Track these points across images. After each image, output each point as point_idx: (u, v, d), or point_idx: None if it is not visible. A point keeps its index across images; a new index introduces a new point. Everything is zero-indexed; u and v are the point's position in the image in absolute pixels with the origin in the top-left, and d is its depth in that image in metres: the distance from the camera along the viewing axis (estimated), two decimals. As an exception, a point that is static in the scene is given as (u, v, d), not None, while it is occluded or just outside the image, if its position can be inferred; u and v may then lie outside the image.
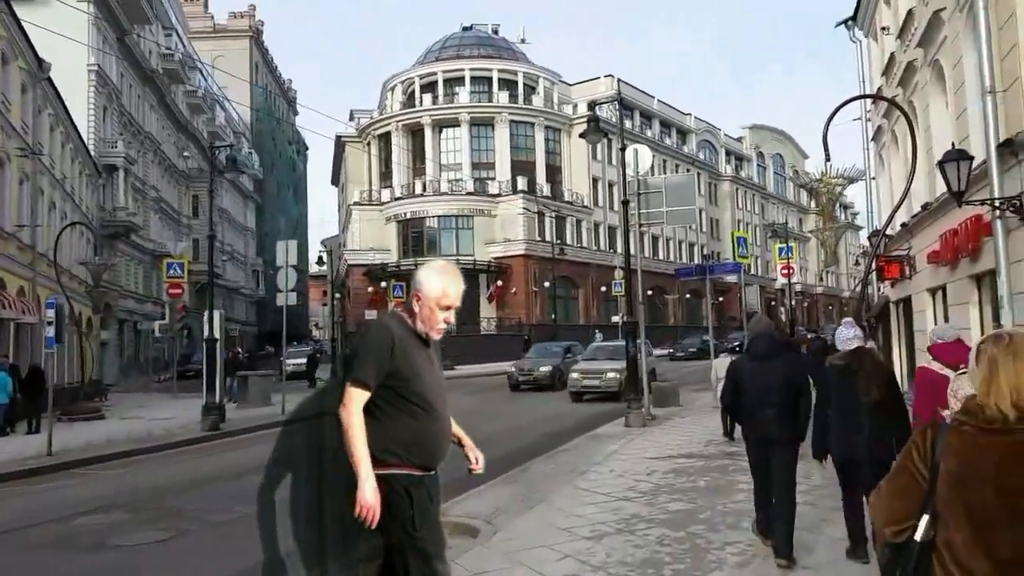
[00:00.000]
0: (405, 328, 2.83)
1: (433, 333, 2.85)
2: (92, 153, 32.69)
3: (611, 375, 17.96)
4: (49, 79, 23.90)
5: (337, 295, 50.62)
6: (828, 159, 11.48)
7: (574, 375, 19.11)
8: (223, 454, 12.67)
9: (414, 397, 2.74)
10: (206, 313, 17.39)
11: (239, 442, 14.21)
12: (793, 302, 36.82)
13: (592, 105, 12.77)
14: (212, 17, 78.89)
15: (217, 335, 16.41)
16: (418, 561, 2.69)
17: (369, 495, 2.57)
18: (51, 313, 11.57)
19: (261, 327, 68.52)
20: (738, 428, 7.44)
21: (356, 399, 2.67)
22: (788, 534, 4.81)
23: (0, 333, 18.45)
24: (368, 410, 2.69)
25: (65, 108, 26.65)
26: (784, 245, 30.24)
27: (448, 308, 2.84)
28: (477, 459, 3.07)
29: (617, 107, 12.92)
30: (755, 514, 5.35)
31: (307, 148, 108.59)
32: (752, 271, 73.36)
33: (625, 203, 12.83)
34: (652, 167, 58.70)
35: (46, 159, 24.26)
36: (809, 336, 28.11)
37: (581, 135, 13.09)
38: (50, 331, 11.59)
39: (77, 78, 31.76)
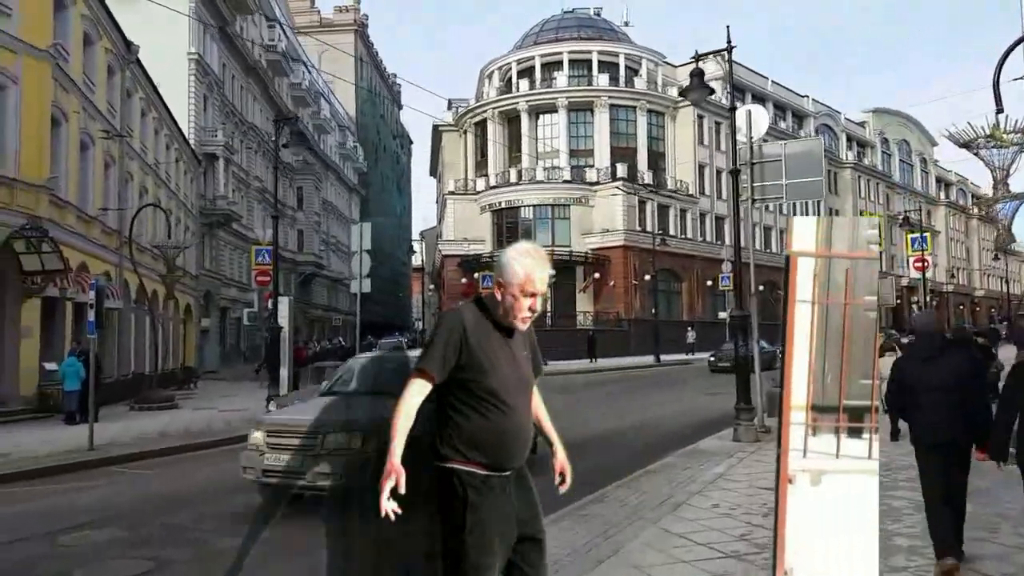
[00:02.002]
0: (483, 318, 2.67)
1: (517, 323, 2.66)
2: (191, 142, 33.03)
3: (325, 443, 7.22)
4: (139, 62, 23.81)
5: (432, 286, 50.10)
6: (1000, 110, 9.06)
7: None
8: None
9: (486, 393, 2.59)
10: (280, 300, 16.47)
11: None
12: (928, 299, 32.95)
13: (697, 58, 10.75)
14: (318, 12, 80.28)
15: (284, 323, 15.38)
16: (450, 567, 2.57)
17: (389, 464, 2.48)
18: (92, 296, 10.59)
19: (364, 318, 69.22)
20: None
21: (414, 386, 2.60)
22: (958, 531, 4.64)
23: (79, 318, 18.15)
24: (440, 403, 2.63)
25: (158, 94, 26.67)
26: (918, 235, 26.85)
27: (533, 295, 2.63)
28: (564, 474, 2.87)
29: (726, 59, 10.80)
30: (932, 533, 4.71)
31: (411, 142, 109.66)
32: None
33: (734, 173, 10.67)
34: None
35: (136, 143, 24.23)
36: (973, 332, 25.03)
37: (682, 92, 11.10)
38: (91, 315, 10.62)
39: (177, 66, 32.13)
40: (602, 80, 46.78)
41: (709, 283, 44.97)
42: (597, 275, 42.18)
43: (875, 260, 3.18)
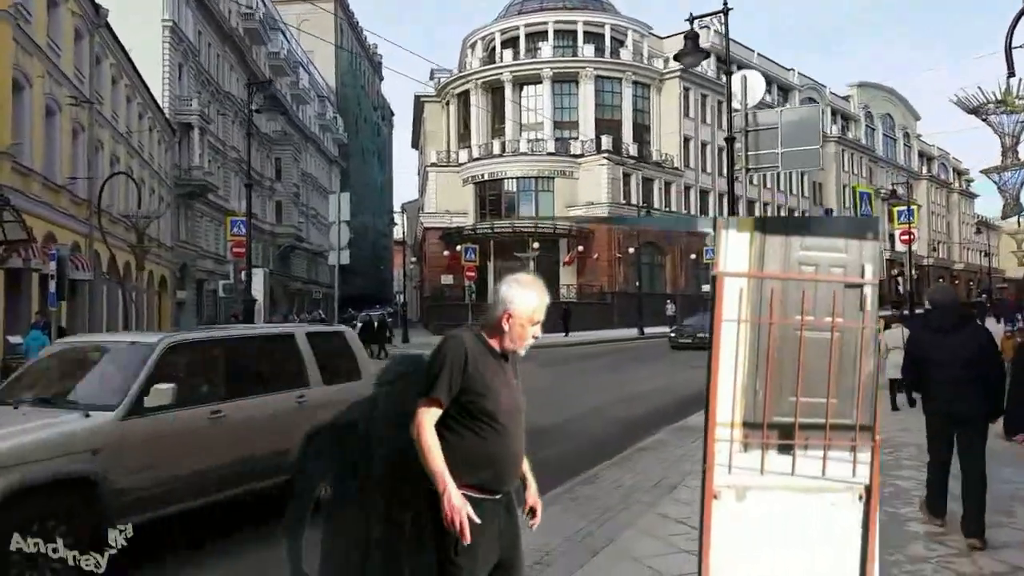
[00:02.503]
0: (482, 344, 2.76)
1: (521, 350, 2.79)
2: (166, 111, 32.07)
3: None
4: (108, 27, 22.86)
5: (414, 259, 49.51)
6: (1012, 74, 8.73)
7: None
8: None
9: (483, 415, 2.67)
10: (255, 271, 15.90)
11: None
12: (912, 271, 32.87)
13: (692, 19, 10.23)
14: (298, -21, 78.32)
15: (259, 296, 14.85)
16: None
17: (455, 500, 2.54)
18: (52, 266, 10.00)
19: (344, 291, 68.58)
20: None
21: (428, 416, 2.65)
22: (980, 512, 4.60)
23: (46, 290, 17.50)
24: (436, 424, 2.66)
25: (130, 60, 25.75)
26: (904, 208, 26.65)
27: (538, 323, 2.77)
28: (535, 510, 2.87)
29: (722, 21, 10.29)
30: (925, 491, 5.08)
31: (392, 114, 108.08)
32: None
33: (729, 141, 10.25)
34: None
35: (107, 111, 23.36)
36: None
37: (676, 56, 10.58)
38: (52, 286, 10.03)
39: (151, 33, 31.10)
40: (588, 51, 45.97)
41: (693, 256, 44.75)
42: (581, 248, 41.79)
43: (814, 280, 3.16)
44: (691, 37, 10.18)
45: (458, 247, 39.53)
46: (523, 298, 2.73)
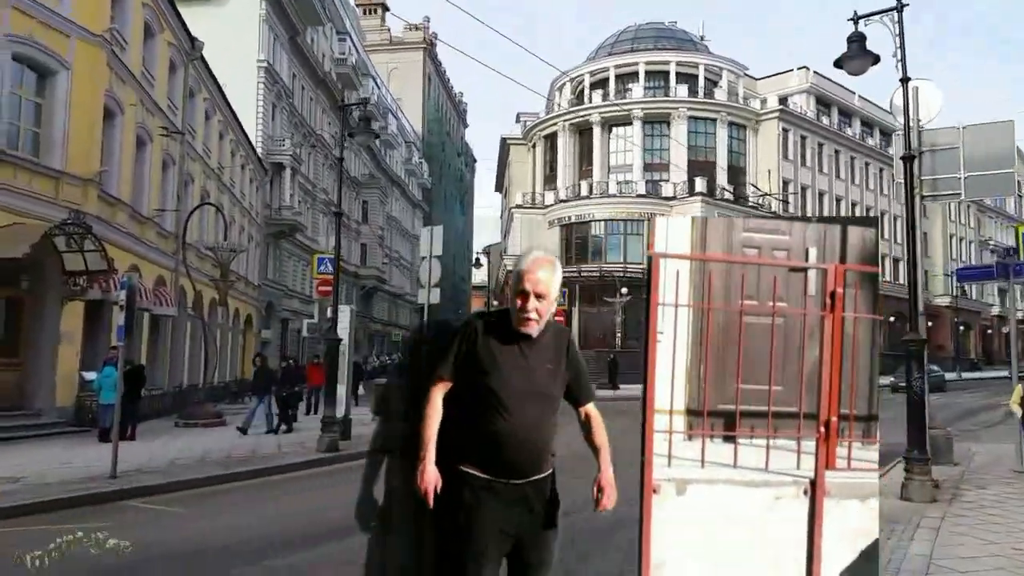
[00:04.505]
0: (502, 325, 2.66)
1: (520, 326, 2.61)
2: (258, 149, 32.21)
3: None
4: (204, 60, 22.77)
5: (496, 303, 48.36)
6: None
7: None
8: (325, 489, 9.64)
9: (488, 394, 2.58)
10: (341, 309, 14.76)
11: (356, 471, 11.20)
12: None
13: (857, 19, 8.48)
14: (389, 30, 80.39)
15: (344, 335, 13.64)
16: (441, 565, 2.61)
17: (427, 471, 2.55)
18: (122, 296, 8.97)
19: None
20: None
21: (435, 389, 2.66)
22: None
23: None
24: (447, 401, 2.64)
25: (224, 96, 25.72)
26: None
27: (524, 295, 2.59)
28: (604, 488, 2.68)
29: (895, 20, 8.45)
30: None
31: (475, 161, 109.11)
32: (970, 295, 63.35)
33: (908, 160, 8.40)
34: (856, 166, 50.84)
35: (199, 145, 23.18)
36: None
37: (836, 63, 8.84)
38: (121, 319, 9.00)
39: (246, 73, 31.50)
40: (680, 91, 44.51)
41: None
42: (673, 295, 39.67)
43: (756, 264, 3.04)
44: (857, 39, 8.48)
45: (543, 291, 38.12)
46: (514, 270, 2.68)
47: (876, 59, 8.78)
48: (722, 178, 43.80)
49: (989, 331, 66.81)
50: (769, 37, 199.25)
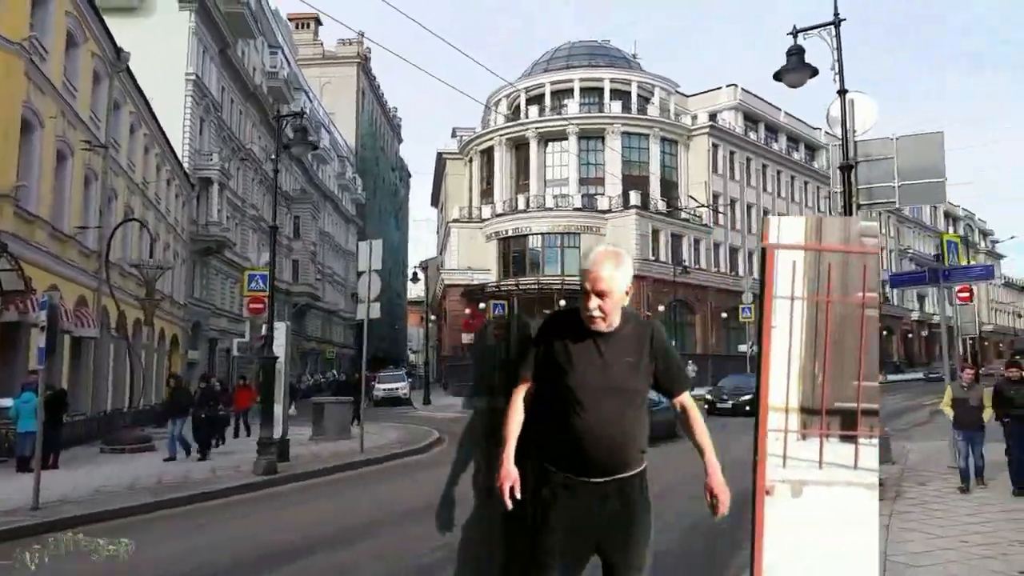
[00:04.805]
0: (575, 320, 2.64)
1: (588, 325, 2.61)
2: (185, 164, 31.20)
3: None
4: (129, 72, 21.95)
5: (434, 317, 47.96)
6: None
7: None
8: (265, 513, 9.29)
9: (564, 391, 2.58)
10: (276, 326, 14.29)
11: (295, 493, 10.85)
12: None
13: (796, 32, 8.71)
14: (321, 44, 79.41)
15: (280, 353, 13.23)
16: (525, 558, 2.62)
17: (503, 469, 2.58)
18: (43, 316, 8.47)
19: (359, 350, 67.00)
20: None
21: (517, 389, 2.71)
22: None
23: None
24: (533, 400, 2.69)
25: (150, 109, 24.83)
26: (961, 265, 24.83)
27: (588, 294, 2.57)
28: (717, 496, 2.63)
29: (833, 34, 8.74)
30: None
31: (410, 175, 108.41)
32: (892, 301, 66.15)
33: (846, 169, 8.66)
34: (782, 180, 52.70)
35: (123, 159, 22.28)
36: None
37: (776, 75, 9.09)
38: (41, 341, 8.49)
39: (173, 86, 30.48)
40: (614, 107, 45.32)
41: (724, 315, 43.01)
42: (610, 307, 40.10)
43: (874, 255, 2.92)
44: (796, 52, 8.74)
45: (481, 304, 38.01)
46: (581, 264, 2.68)
47: (814, 72, 9.08)
48: (655, 192, 44.68)
49: (910, 335, 69.97)
50: (698, 55, 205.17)
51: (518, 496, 2.55)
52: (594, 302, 2.55)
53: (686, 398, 2.75)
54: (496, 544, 2.79)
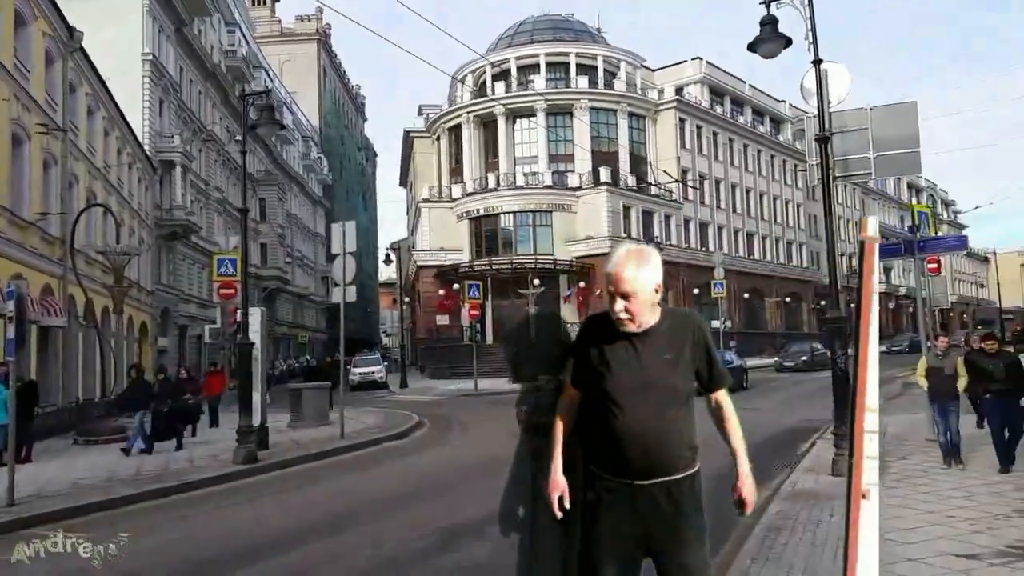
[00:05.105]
0: (609, 322, 2.61)
1: (619, 326, 2.58)
2: (146, 147, 30.40)
3: None
4: (84, 52, 21.22)
5: (406, 300, 47.64)
6: None
7: None
8: (247, 503, 9.14)
9: (603, 396, 2.58)
10: (251, 311, 14.01)
11: (277, 481, 10.70)
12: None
13: (768, 1, 8.71)
14: (280, 21, 77.80)
15: (255, 339, 13.00)
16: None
17: (551, 476, 2.66)
18: (10, 306, 8.17)
19: (332, 335, 66.37)
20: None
21: (563, 397, 2.75)
22: None
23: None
24: (582, 405, 2.70)
25: (108, 91, 24.09)
26: (933, 236, 25.25)
27: (613, 295, 2.55)
28: (742, 498, 2.63)
29: (805, 2, 8.74)
30: None
31: (376, 154, 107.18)
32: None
33: (822, 141, 8.68)
34: (749, 153, 53.11)
35: (83, 143, 21.61)
36: None
37: (750, 46, 9.02)
38: (10, 331, 8.20)
39: (130, 67, 29.64)
40: (581, 83, 45.04)
41: (696, 291, 43.39)
42: (582, 284, 40.21)
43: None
44: (769, 22, 8.69)
45: (454, 285, 37.82)
46: (606, 266, 2.63)
47: (788, 42, 9.04)
48: (625, 167, 44.67)
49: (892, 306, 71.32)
50: (661, 26, 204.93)
51: (567, 505, 2.62)
52: (620, 304, 2.53)
53: (722, 395, 2.72)
54: (554, 547, 2.82)
